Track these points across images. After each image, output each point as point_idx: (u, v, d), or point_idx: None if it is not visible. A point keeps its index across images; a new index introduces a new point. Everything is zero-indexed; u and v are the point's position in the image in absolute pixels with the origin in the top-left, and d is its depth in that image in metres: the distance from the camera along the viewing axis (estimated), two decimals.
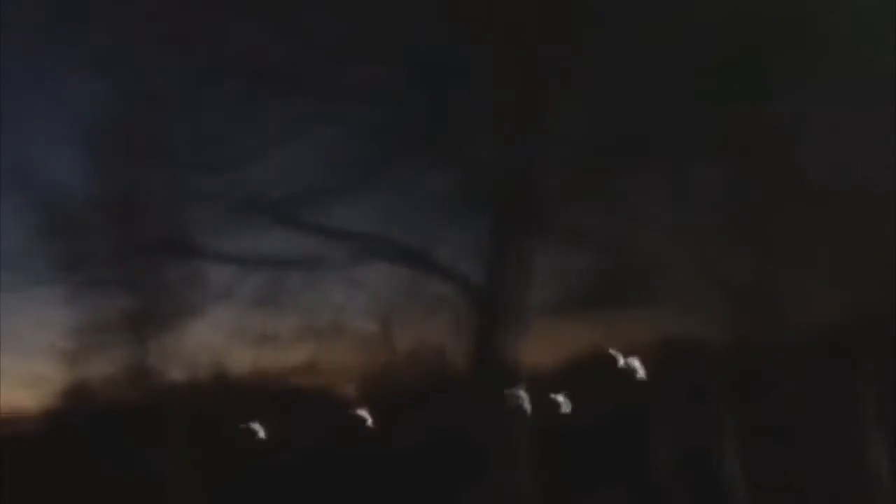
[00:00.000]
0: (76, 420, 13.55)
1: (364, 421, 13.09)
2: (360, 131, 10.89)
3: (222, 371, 13.07)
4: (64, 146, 12.17)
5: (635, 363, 12.95)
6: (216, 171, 11.21)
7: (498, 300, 11.15)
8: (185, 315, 12.77)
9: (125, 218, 12.31)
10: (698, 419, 13.87)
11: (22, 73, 11.73)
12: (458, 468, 11.70)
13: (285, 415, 13.09)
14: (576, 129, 11.32)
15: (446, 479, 11.87)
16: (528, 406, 15.51)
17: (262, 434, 13.18)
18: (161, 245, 12.12)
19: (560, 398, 15.00)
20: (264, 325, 11.85)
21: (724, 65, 11.57)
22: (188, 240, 12.09)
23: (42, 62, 11.64)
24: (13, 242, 11.84)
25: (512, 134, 11.02)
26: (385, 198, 10.98)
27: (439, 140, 11.09)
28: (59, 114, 12.11)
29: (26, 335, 12.49)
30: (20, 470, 12.27)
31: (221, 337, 12.46)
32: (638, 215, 12.44)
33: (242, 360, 12.76)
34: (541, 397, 15.37)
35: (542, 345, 14.23)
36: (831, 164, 12.26)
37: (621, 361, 13.50)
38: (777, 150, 12.34)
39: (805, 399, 13.57)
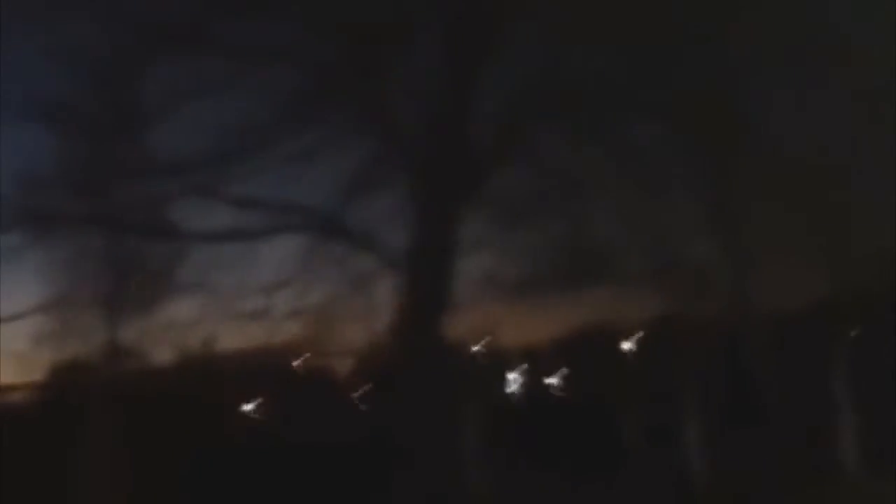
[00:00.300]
0: (50, 398, 13.25)
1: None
2: (270, 93, 10.27)
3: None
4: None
5: None
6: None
7: (423, 271, 10.49)
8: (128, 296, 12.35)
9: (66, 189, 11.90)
10: (666, 399, 13.36)
11: None
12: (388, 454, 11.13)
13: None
14: (507, 85, 10.64)
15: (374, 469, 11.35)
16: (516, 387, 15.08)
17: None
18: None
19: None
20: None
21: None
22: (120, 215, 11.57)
23: None
24: None
25: (436, 92, 10.37)
26: (297, 163, 10.34)
27: (356, 100, 10.46)
28: None
29: None
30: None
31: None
32: (582, 185, 11.77)
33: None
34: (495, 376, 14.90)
35: (498, 325, 13.83)
36: (796, 134, 11.68)
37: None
38: (735, 117, 11.73)
39: (775, 378, 13.16)
